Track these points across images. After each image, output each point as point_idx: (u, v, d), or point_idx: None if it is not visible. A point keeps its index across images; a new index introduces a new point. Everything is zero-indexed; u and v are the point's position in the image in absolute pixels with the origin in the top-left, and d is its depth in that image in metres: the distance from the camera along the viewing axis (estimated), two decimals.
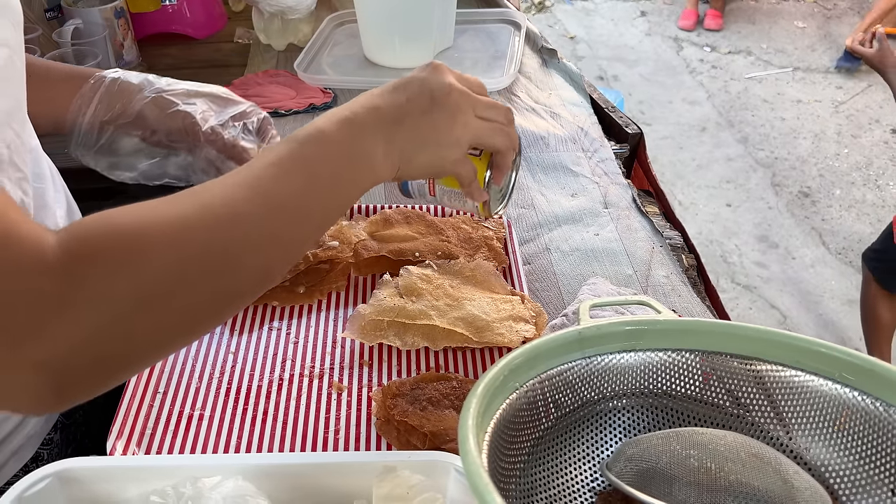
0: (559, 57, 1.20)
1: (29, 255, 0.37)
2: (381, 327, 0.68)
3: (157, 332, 0.41)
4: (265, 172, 0.46)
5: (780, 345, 0.54)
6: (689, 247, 0.88)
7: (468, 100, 0.55)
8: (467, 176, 0.58)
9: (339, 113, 0.51)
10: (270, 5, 1.18)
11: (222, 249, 0.42)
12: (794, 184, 2.92)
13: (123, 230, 0.40)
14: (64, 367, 0.38)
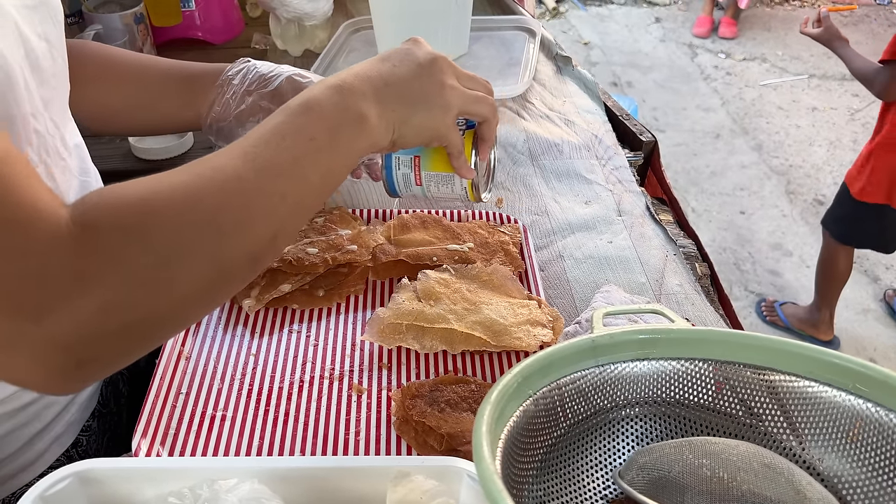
0: (574, 64, 1.21)
1: (45, 231, 0.38)
2: (399, 331, 0.69)
3: (175, 295, 0.42)
4: (261, 140, 0.47)
5: (794, 355, 0.54)
6: (702, 255, 0.88)
7: (451, 68, 0.58)
8: (457, 144, 0.59)
9: (327, 82, 0.52)
10: (288, 11, 1.19)
11: (227, 212, 0.43)
12: (808, 192, 2.91)
13: (131, 200, 0.41)
14: (83, 341, 0.38)
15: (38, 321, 0.37)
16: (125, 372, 0.77)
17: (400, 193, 0.67)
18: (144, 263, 0.40)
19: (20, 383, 0.42)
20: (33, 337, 0.37)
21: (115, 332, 0.40)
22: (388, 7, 1.12)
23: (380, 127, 0.53)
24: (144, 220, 0.40)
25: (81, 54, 0.70)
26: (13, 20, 0.47)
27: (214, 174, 0.44)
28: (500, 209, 0.82)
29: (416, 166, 0.64)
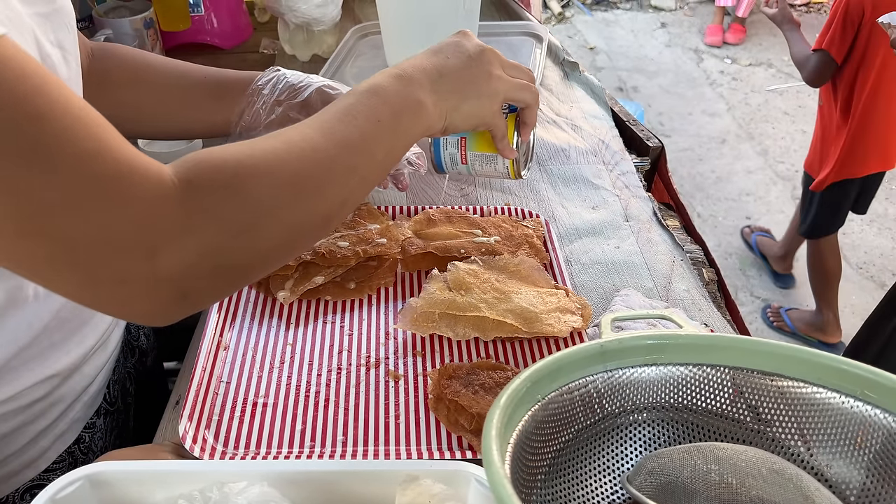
0: (581, 69, 1.21)
1: (154, 184, 0.42)
2: (432, 319, 0.70)
3: (262, 245, 0.47)
4: (335, 118, 0.53)
5: (803, 361, 0.54)
6: (709, 261, 0.88)
7: (498, 58, 0.63)
8: (502, 128, 0.66)
9: (390, 71, 0.58)
10: (296, 17, 1.20)
11: (308, 177, 0.49)
12: None
13: (228, 162, 0.46)
14: (188, 277, 0.44)
15: (150, 259, 0.42)
16: (132, 370, 0.78)
17: (447, 171, 0.73)
18: (237, 216, 0.45)
19: (131, 316, 0.47)
20: (145, 273, 0.42)
21: (213, 271, 0.45)
22: (396, 12, 1.13)
23: (434, 114, 0.59)
24: (239, 180, 0.45)
25: (117, 57, 0.74)
26: (31, 28, 0.48)
27: (298, 144, 0.49)
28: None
29: (463, 147, 0.70)
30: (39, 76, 0.39)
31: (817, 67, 2.03)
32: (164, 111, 0.74)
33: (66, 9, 0.55)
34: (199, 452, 0.59)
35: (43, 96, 0.38)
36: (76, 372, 0.64)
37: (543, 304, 0.72)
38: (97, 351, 0.66)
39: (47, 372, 0.60)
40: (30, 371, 0.59)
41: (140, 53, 0.76)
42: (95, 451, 0.70)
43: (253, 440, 0.61)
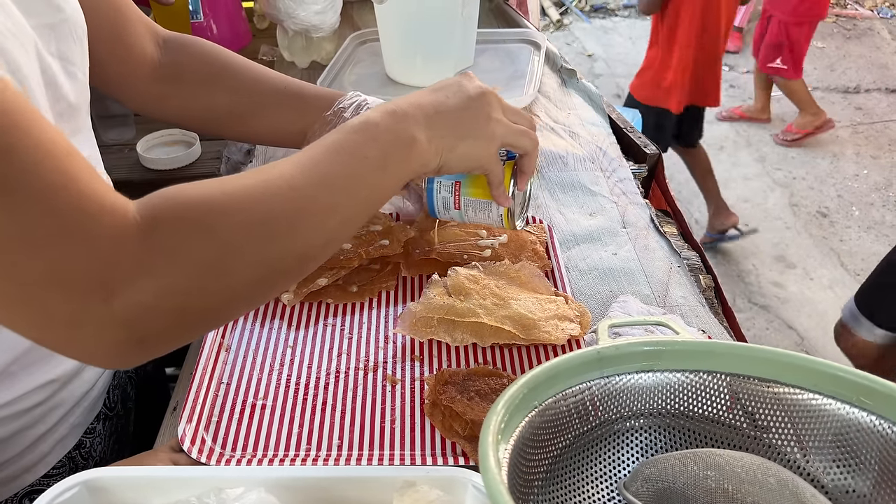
0: (578, 77, 1.21)
1: (116, 221, 0.41)
2: (431, 324, 0.71)
3: (228, 288, 0.45)
4: (320, 155, 0.51)
5: (799, 368, 0.54)
6: (706, 268, 0.88)
7: (499, 102, 0.61)
8: (498, 174, 0.63)
9: (384, 106, 0.56)
10: (295, 23, 1.20)
11: (281, 216, 0.47)
12: (812, 204, 2.91)
13: (194, 200, 0.44)
14: (145, 320, 0.42)
15: (106, 301, 0.40)
16: (133, 375, 0.78)
17: (438, 215, 0.71)
18: (203, 256, 0.43)
19: (84, 358, 0.45)
20: (100, 315, 0.40)
21: (174, 314, 0.43)
22: (395, 19, 1.13)
23: (428, 151, 0.56)
24: (205, 218, 0.44)
25: (195, 52, 0.73)
26: (32, 39, 0.48)
27: (272, 181, 0.48)
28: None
29: (457, 191, 0.68)
30: (12, 111, 0.38)
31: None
32: (236, 114, 0.73)
33: (73, 19, 0.55)
34: (196, 454, 0.59)
35: (14, 130, 0.38)
36: (76, 377, 0.64)
37: (542, 311, 0.72)
38: None
39: (47, 377, 0.60)
40: (29, 376, 0.59)
41: (220, 51, 0.75)
42: (95, 457, 0.70)
43: (250, 443, 0.62)
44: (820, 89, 3.75)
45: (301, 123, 0.73)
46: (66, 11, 0.54)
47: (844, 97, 3.68)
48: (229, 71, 0.74)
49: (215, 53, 0.74)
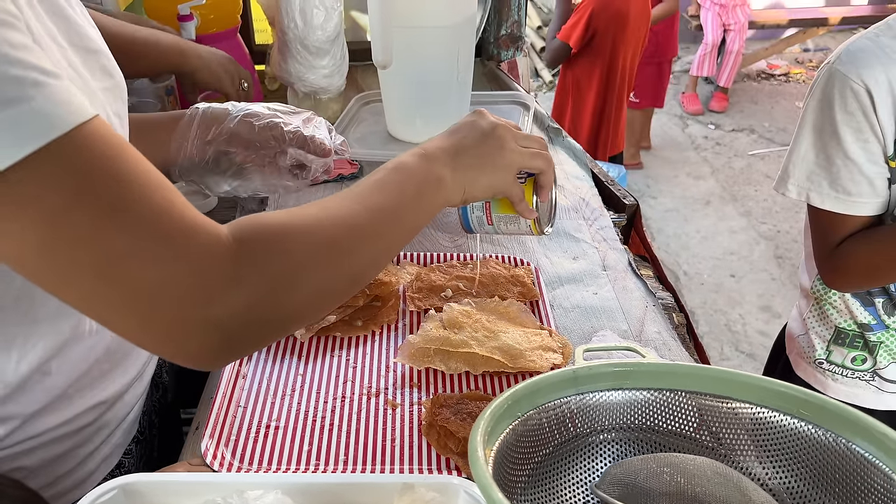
0: (564, 135, 1.32)
1: (212, 241, 0.49)
2: (428, 354, 0.78)
3: (302, 299, 0.53)
4: (368, 190, 0.60)
5: (748, 385, 0.62)
6: (679, 307, 0.97)
7: (510, 132, 0.70)
8: (518, 194, 0.72)
9: (414, 150, 0.66)
10: (305, 86, 1.31)
11: (342, 239, 0.56)
12: (796, 256, 3.01)
13: (272, 225, 0.53)
14: (234, 326, 0.49)
15: (204, 309, 0.47)
16: (156, 405, 0.85)
17: (475, 231, 0.80)
18: (280, 271, 0.51)
19: (179, 358, 0.51)
20: (199, 319, 0.48)
21: (258, 321, 0.51)
22: (397, 82, 1.24)
23: (453, 187, 0.66)
24: (281, 240, 0.52)
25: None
26: (101, 102, 0.58)
27: (332, 211, 0.56)
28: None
29: (488, 210, 0.78)
30: (121, 146, 0.47)
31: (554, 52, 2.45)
32: None
33: (121, 84, 0.65)
34: (217, 467, 0.67)
35: (124, 163, 0.47)
36: (119, 400, 0.71)
37: (528, 343, 0.80)
38: (136, 382, 0.73)
39: (97, 398, 0.67)
40: (82, 398, 0.66)
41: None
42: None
43: (265, 458, 0.69)
44: None
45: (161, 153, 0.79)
46: (115, 78, 0.64)
47: None
48: None
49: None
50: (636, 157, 3.68)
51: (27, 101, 0.43)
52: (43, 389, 0.63)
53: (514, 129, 0.72)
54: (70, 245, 0.45)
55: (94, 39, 0.62)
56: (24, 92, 0.43)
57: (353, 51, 1.39)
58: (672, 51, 3.38)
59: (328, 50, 1.28)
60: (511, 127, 0.72)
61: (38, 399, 0.63)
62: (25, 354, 0.60)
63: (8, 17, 0.44)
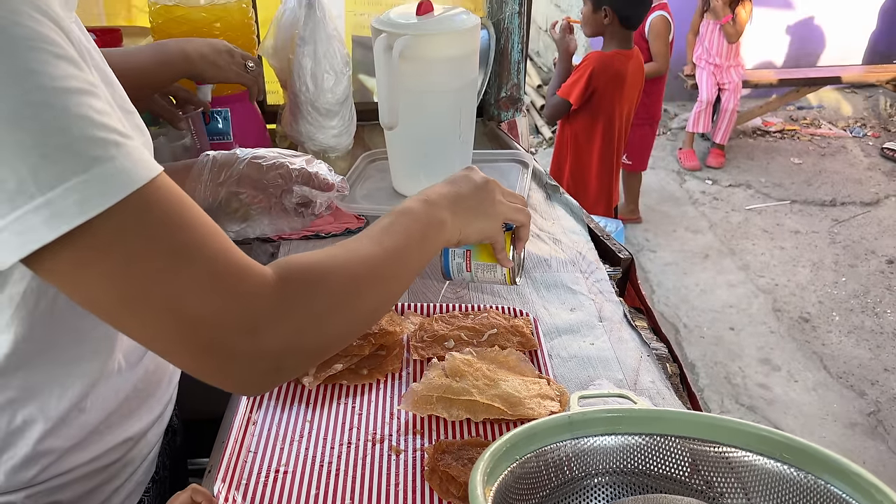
0: (561, 191, 1.38)
1: (260, 280, 0.55)
2: (430, 402, 0.82)
3: (335, 330, 0.61)
4: (381, 232, 0.68)
5: (734, 430, 0.66)
6: (673, 357, 1.01)
7: (498, 187, 0.81)
8: (501, 241, 0.82)
9: (418, 197, 0.74)
10: (314, 144, 1.38)
11: (366, 277, 0.63)
12: (794, 309, 3.04)
13: (310, 265, 0.60)
14: (282, 354, 0.56)
15: (253, 339, 0.54)
16: (168, 447, 0.89)
17: (453, 277, 0.89)
18: (319, 306, 0.58)
19: (229, 384, 0.57)
20: (249, 349, 0.54)
21: (298, 349, 0.57)
22: (402, 142, 1.30)
23: (452, 229, 0.75)
24: (320, 279, 0.59)
25: None
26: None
27: (357, 252, 0.64)
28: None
29: (468, 258, 0.86)
30: (183, 197, 0.54)
31: (553, 109, 2.51)
32: None
33: (150, 139, 0.71)
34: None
35: (186, 211, 0.53)
36: (143, 438, 0.75)
37: (527, 391, 0.84)
38: (157, 421, 0.78)
39: (125, 435, 0.72)
40: (111, 434, 0.70)
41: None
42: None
43: (275, 501, 0.72)
44: (798, 202, 3.97)
45: None
46: (145, 135, 0.70)
47: (822, 209, 3.89)
48: None
49: None
50: (635, 213, 3.75)
51: (110, 161, 0.49)
52: (79, 425, 0.67)
53: (501, 186, 0.82)
54: (142, 285, 0.51)
55: (128, 100, 0.68)
56: (107, 152, 0.49)
57: (361, 111, 1.47)
58: (658, 114, 3.49)
59: (337, 111, 1.35)
60: (498, 183, 0.81)
61: (73, 434, 0.67)
62: (65, 391, 0.65)
63: (91, 88, 0.50)
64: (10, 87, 0.46)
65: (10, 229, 0.47)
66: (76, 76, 0.50)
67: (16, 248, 0.48)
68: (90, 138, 0.48)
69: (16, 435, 0.65)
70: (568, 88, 2.37)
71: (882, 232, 3.64)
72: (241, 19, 1.42)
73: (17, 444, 0.65)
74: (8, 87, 0.46)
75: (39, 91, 0.47)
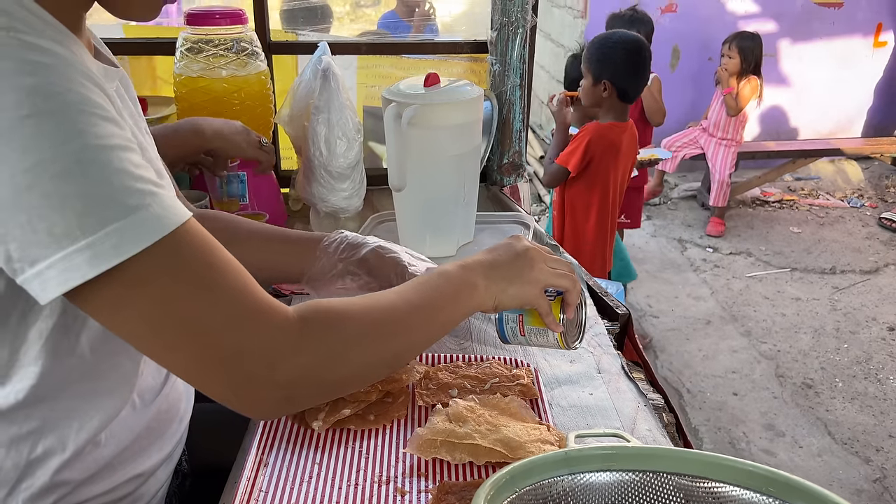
0: (561, 251, 1.44)
1: (281, 317, 0.61)
2: (434, 445, 0.85)
3: (350, 370, 0.66)
4: (411, 289, 0.74)
5: (721, 466, 0.69)
6: (669, 408, 1.04)
7: (540, 255, 0.84)
8: (544, 307, 0.85)
9: (457, 262, 0.80)
10: (326, 206, 1.45)
11: (384, 325, 0.68)
12: (797, 375, 3.05)
13: (331, 309, 0.66)
14: (295, 386, 0.61)
15: (271, 370, 0.60)
16: (176, 490, 0.92)
17: (509, 340, 0.93)
18: (336, 346, 0.64)
19: (245, 408, 0.63)
20: (266, 379, 0.60)
21: (313, 383, 0.63)
22: (409, 204, 1.37)
23: (485, 294, 0.80)
24: (337, 321, 0.65)
25: (216, 221, 0.97)
26: None
27: (381, 302, 0.70)
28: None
29: (521, 322, 0.90)
30: (211, 240, 0.60)
31: (552, 175, 2.58)
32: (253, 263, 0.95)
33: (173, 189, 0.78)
34: None
35: (215, 252, 0.59)
36: (153, 475, 0.79)
37: (528, 436, 0.87)
38: (167, 460, 0.81)
39: (136, 471, 0.76)
40: (123, 469, 0.74)
41: (233, 218, 1.00)
42: None
43: None
44: (798, 270, 4.02)
45: (297, 264, 0.96)
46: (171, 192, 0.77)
47: (822, 277, 3.94)
48: (242, 231, 0.98)
49: (228, 219, 0.99)
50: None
51: (146, 208, 0.55)
52: (93, 459, 0.71)
53: (546, 253, 0.85)
54: (174, 318, 0.57)
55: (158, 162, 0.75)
56: (143, 200, 0.56)
57: (370, 176, 1.55)
58: (644, 178, 3.62)
59: (349, 175, 1.43)
60: (543, 251, 0.85)
61: (89, 467, 0.71)
62: (84, 425, 0.70)
63: (129, 144, 0.57)
64: (63, 146, 0.53)
65: (55, 267, 0.53)
66: (117, 134, 0.57)
67: (59, 284, 0.54)
68: (129, 189, 0.55)
69: (35, 465, 0.69)
70: (566, 157, 2.47)
71: (882, 300, 3.68)
72: (260, 90, 1.52)
73: (36, 473, 0.69)
74: (62, 144, 0.53)
75: (87, 149, 0.54)
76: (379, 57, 1.89)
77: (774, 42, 5.16)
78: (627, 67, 2.45)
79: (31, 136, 0.52)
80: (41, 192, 0.53)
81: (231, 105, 1.47)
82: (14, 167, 0.52)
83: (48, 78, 0.54)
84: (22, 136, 0.52)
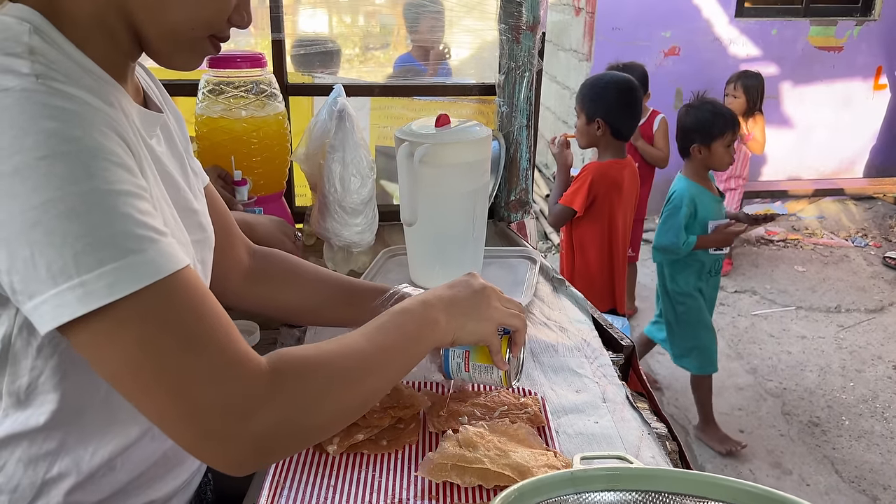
0: (567, 285, 1.48)
1: (255, 369, 0.62)
2: (445, 469, 0.88)
3: (322, 419, 0.66)
4: (375, 330, 0.75)
5: (721, 486, 0.73)
6: (672, 436, 1.07)
7: (496, 293, 0.88)
8: (496, 344, 0.87)
9: (416, 298, 0.82)
10: (339, 240, 1.50)
11: (354, 371, 0.69)
12: (804, 413, 3.05)
13: (301, 359, 0.66)
14: (269, 437, 0.62)
15: (243, 422, 0.60)
16: None
17: (452, 376, 0.95)
18: (308, 396, 0.65)
19: (218, 461, 0.63)
20: (238, 432, 0.60)
21: (287, 433, 0.64)
22: (419, 238, 1.43)
23: (446, 330, 0.82)
24: (307, 371, 0.66)
25: (275, 261, 1.01)
26: (192, 251, 0.75)
27: (349, 346, 0.71)
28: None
29: (467, 359, 0.93)
30: (202, 289, 0.62)
31: (558, 215, 2.63)
32: (307, 308, 0.99)
33: (211, 236, 0.82)
34: None
35: (203, 302, 0.61)
36: (167, 503, 0.82)
37: (535, 461, 0.90)
38: (183, 489, 0.84)
39: (150, 497, 0.78)
40: (138, 495, 0.77)
41: (292, 259, 1.03)
42: None
43: None
44: (803, 308, 4.04)
45: (355, 313, 0.98)
46: (207, 231, 0.82)
47: (827, 315, 3.95)
48: (300, 273, 1.01)
49: (287, 259, 1.02)
50: (631, 306, 3.86)
51: (142, 253, 0.58)
52: (108, 482, 0.74)
53: (499, 292, 0.89)
54: (153, 363, 0.59)
55: (193, 201, 0.80)
56: (141, 245, 0.58)
57: (382, 212, 1.61)
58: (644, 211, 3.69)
59: (361, 210, 1.49)
60: (497, 290, 0.89)
61: (102, 490, 0.74)
62: (99, 449, 0.72)
63: (139, 191, 0.61)
64: (72, 186, 0.56)
65: (49, 303, 0.56)
66: (128, 181, 0.60)
67: (52, 318, 0.57)
68: (129, 233, 0.58)
69: (49, 485, 0.71)
70: (570, 197, 2.52)
71: (888, 338, 3.69)
72: (278, 129, 1.59)
73: (50, 493, 0.72)
74: (71, 185, 0.56)
75: (94, 192, 0.57)
76: (391, 98, 1.97)
77: (776, 85, 5.26)
78: (620, 106, 2.51)
79: (44, 175, 0.55)
80: (45, 229, 0.55)
81: (250, 144, 1.53)
82: (24, 204, 0.55)
83: (68, 123, 0.57)
84: (36, 176, 0.55)
